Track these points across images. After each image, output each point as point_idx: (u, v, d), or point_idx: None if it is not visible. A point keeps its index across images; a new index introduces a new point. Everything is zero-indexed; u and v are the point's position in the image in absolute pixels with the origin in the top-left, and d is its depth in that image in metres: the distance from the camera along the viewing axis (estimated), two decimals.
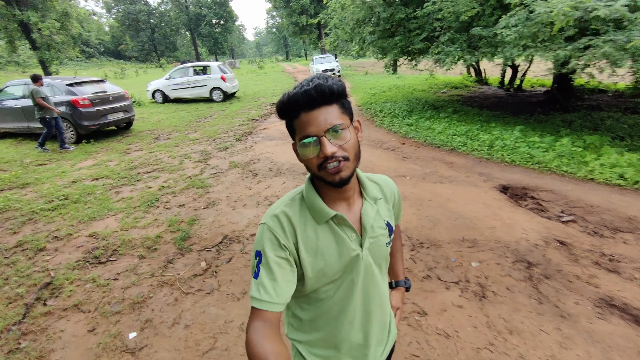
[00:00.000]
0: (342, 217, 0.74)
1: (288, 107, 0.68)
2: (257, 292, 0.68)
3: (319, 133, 0.66)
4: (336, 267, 0.75)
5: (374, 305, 0.83)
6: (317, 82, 0.66)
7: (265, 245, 0.71)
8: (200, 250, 2.98)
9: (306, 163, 0.70)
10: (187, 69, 12.25)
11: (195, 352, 1.94)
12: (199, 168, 5.17)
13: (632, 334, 1.90)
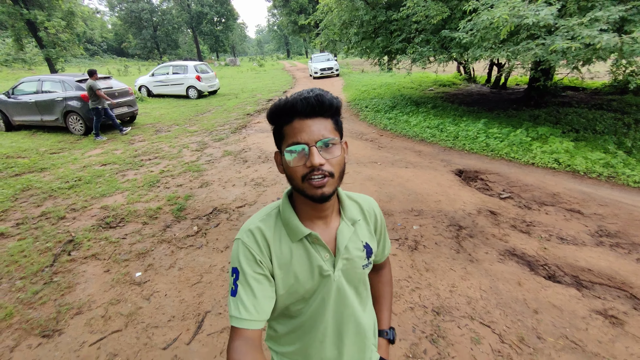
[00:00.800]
0: (316, 236, 0.73)
1: (283, 110, 0.67)
2: (237, 310, 0.67)
3: (309, 142, 0.65)
4: (307, 286, 0.74)
5: (346, 327, 0.81)
6: (318, 92, 0.66)
7: (241, 261, 0.70)
8: (194, 219, 3.58)
9: (290, 172, 0.68)
10: (168, 67, 13.10)
11: (186, 284, 2.55)
12: (196, 156, 5.77)
13: (519, 272, 2.49)
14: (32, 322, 2.21)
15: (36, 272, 2.73)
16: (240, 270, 0.69)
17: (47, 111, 7.50)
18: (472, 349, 1.87)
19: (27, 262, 2.86)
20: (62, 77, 7.49)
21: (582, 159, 4.10)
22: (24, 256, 2.95)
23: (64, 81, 7.38)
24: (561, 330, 1.96)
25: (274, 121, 0.71)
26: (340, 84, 15.09)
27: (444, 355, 1.84)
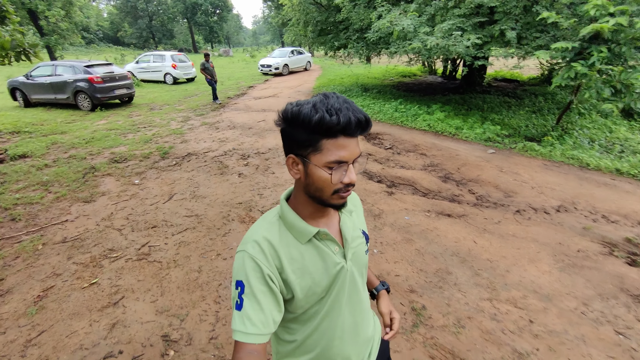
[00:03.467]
0: (325, 232, 0.75)
1: (334, 127, 0.63)
2: (243, 325, 0.66)
3: (350, 159, 0.66)
4: (324, 283, 0.75)
5: (358, 314, 0.84)
6: (365, 114, 0.66)
7: (248, 274, 0.68)
8: (174, 158, 5.33)
9: (322, 186, 0.68)
10: (149, 56, 15.03)
11: (165, 185, 4.31)
12: (180, 125, 7.48)
13: (364, 179, 4.28)
14: (77, 198, 3.98)
15: (74, 180, 4.48)
16: (246, 284, 0.68)
17: (60, 91, 9.13)
18: None
19: (67, 176, 4.61)
20: (72, 63, 9.12)
21: (444, 124, 5.90)
22: (64, 173, 4.69)
23: (74, 66, 9.01)
24: (368, 198, 3.77)
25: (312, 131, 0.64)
26: (317, 74, 16.76)
27: None
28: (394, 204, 3.62)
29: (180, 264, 2.75)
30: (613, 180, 4.02)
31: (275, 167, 4.79)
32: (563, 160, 4.54)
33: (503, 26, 4.92)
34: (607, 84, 3.88)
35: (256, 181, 4.32)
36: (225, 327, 2.12)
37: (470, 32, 5.15)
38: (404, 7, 5.81)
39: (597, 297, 2.30)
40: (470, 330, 2.04)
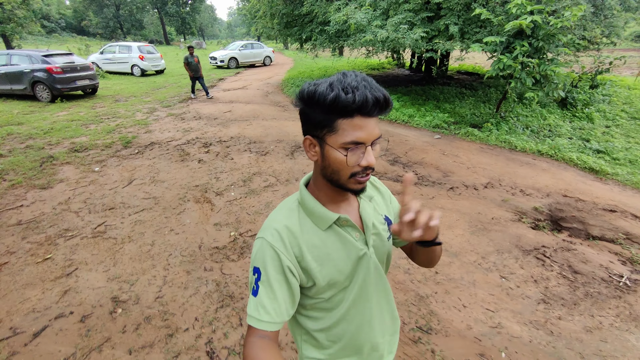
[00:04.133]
0: (346, 218, 0.73)
1: (350, 106, 0.60)
2: (257, 311, 0.67)
3: (367, 141, 0.64)
4: (347, 270, 0.74)
5: (383, 300, 0.83)
6: (384, 91, 0.62)
7: (266, 262, 0.68)
8: (137, 147, 5.41)
9: (338, 168, 0.66)
10: (115, 47, 14.63)
11: (126, 171, 4.42)
12: (145, 116, 7.48)
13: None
14: (34, 185, 4.04)
15: (30, 168, 4.50)
16: (263, 271, 0.68)
17: (17, 81, 8.81)
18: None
19: (23, 165, 4.61)
20: (29, 52, 8.81)
21: (398, 113, 6.30)
22: (20, 162, 4.69)
23: (31, 55, 8.72)
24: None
25: (327, 111, 0.62)
26: (289, 66, 16.88)
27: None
28: None
29: (134, 239, 2.95)
30: (534, 160, 4.55)
31: (235, 153, 5.00)
32: (497, 144, 5.04)
33: (447, 21, 5.33)
34: (529, 75, 4.36)
35: (215, 166, 4.53)
36: (171, 288, 2.37)
37: (419, 26, 5.53)
38: (360, 2, 6.12)
39: (494, 252, 2.72)
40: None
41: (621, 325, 2.06)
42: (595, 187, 3.95)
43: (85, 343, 1.95)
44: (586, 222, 3.29)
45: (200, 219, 3.27)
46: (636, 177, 4.15)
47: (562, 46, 4.33)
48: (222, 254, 2.74)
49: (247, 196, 3.69)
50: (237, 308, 2.19)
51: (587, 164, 4.34)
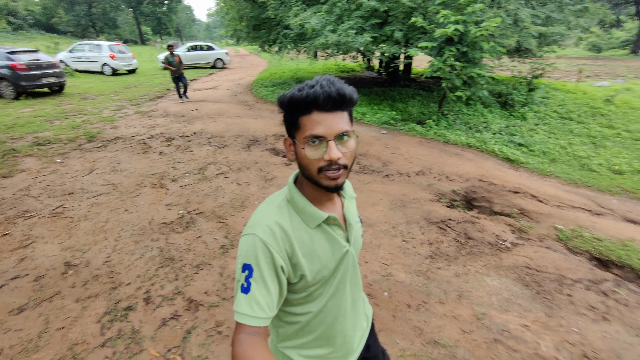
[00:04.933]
0: (334, 217, 0.77)
1: (302, 103, 0.66)
2: (250, 308, 0.66)
3: (328, 136, 0.66)
4: (331, 266, 0.78)
5: (356, 292, 0.89)
6: (339, 86, 0.66)
7: (259, 258, 0.69)
8: (101, 141, 5.64)
9: (305, 164, 0.70)
10: (84, 45, 14.65)
11: (87, 162, 4.68)
12: (113, 113, 7.65)
13: (268, 156, 5.00)
14: None
15: None
16: (255, 268, 0.68)
17: None
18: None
19: None
20: None
21: (356, 112, 6.83)
22: None
23: None
24: (267, 168, 4.48)
25: (289, 110, 0.70)
26: (263, 68, 17.25)
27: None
28: (288, 171, 4.39)
29: (90, 218, 3.26)
30: (462, 152, 5.16)
31: (195, 147, 5.34)
32: (434, 138, 5.64)
33: (393, 27, 5.90)
34: (457, 77, 4.97)
35: (174, 157, 4.86)
36: (119, 255, 2.72)
37: (369, 31, 6.08)
38: (317, 8, 6.61)
39: (404, 223, 3.24)
40: None
41: (484, 272, 2.60)
42: (508, 173, 4.58)
43: (38, 296, 2.27)
44: (492, 201, 3.88)
45: (154, 200, 3.61)
46: (543, 165, 4.83)
47: (485, 52, 4.97)
48: (169, 228, 3.10)
49: (199, 182, 4.05)
50: (175, 267, 2.57)
51: (506, 154, 4.99)
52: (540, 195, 4.05)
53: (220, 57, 17.73)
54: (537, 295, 2.42)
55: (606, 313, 2.28)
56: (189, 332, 2.01)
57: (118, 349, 1.89)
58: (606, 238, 3.13)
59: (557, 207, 3.81)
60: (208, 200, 3.62)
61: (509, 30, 4.97)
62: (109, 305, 2.20)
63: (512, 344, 1.98)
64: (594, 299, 2.43)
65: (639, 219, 3.64)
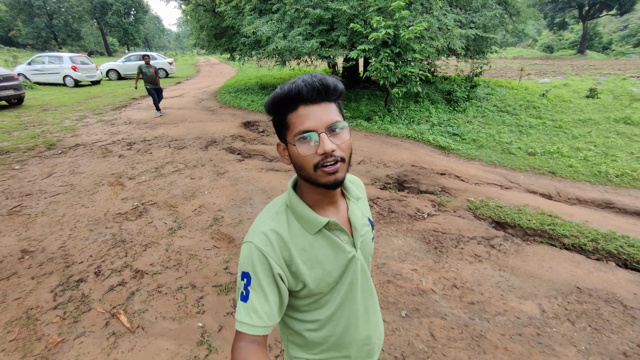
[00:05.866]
0: (335, 222, 0.74)
1: (287, 98, 0.64)
2: (249, 317, 0.66)
3: (318, 129, 0.64)
4: (335, 273, 0.75)
5: (369, 299, 0.85)
6: (321, 77, 0.65)
7: (256, 266, 0.68)
8: (61, 148, 5.80)
9: (300, 162, 0.67)
10: (44, 57, 14.40)
11: (46, 167, 4.86)
12: (74, 123, 7.76)
13: (222, 154, 5.36)
14: None
15: None
16: (253, 276, 0.68)
17: None
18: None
19: None
20: None
21: None
22: None
23: None
24: (221, 164, 4.85)
25: (276, 111, 0.68)
26: (230, 76, 17.56)
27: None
28: (239, 166, 4.78)
29: (47, 214, 3.51)
30: (401, 142, 5.75)
31: (155, 149, 5.63)
32: (377, 131, 6.21)
33: (338, 33, 6.46)
34: (393, 75, 5.56)
35: (133, 159, 5.13)
36: (74, 241, 3.01)
37: (318, 37, 6.60)
38: (270, 16, 7.09)
39: None
40: (246, 225, 3.25)
41: (393, 234, 3.10)
42: (438, 159, 5.18)
43: None
44: (420, 182, 4.44)
45: (110, 196, 3.90)
46: (471, 150, 5.48)
47: (417, 52, 5.59)
48: (123, 217, 3.41)
49: (155, 178, 4.37)
50: (125, 247, 2.90)
51: (439, 143, 5.61)
52: (462, 175, 4.65)
53: (162, 67, 17.64)
54: (434, 249, 2.94)
55: (484, 258, 2.82)
56: (132, 293, 2.36)
57: (68, 310, 2.22)
58: (506, 205, 3.73)
59: (475, 185, 4.42)
60: (162, 193, 3.95)
61: (439, 34, 5.62)
62: (62, 279, 2.51)
63: (401, 283, 2.46)
64: (481, 249, 2.98)
65: (538, 190, 4.30)
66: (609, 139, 6.26)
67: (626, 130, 6.83)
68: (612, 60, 29.79)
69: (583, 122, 7.51)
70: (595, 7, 32.49)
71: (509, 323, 2.12)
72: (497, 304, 2.28)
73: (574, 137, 6.40)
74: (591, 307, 2.29)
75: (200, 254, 2.79)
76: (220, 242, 2.98)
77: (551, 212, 3.60)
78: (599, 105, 9.16)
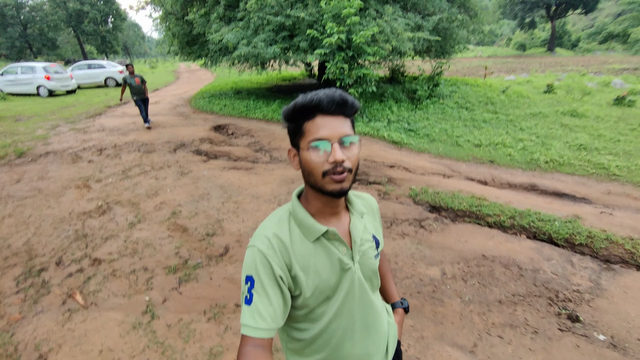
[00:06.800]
0: (334, 232, 0.76)
1: (308, 107, 0.69)
2: (253, 319, 0.68)
3: (332, 138, 0.68)
4: (331, 283, 0.76)
5: (370, 316, 0.85)
6: (342, 92, 0.70)
7: (258, 269, 0.70)
8: (31, 156, 5.97)
9: (310, 168, 0.70)
10: (17, 68, 14.37)
11: (15, 174, 5.05)
12: (46, 132, 7.88)
13: (188, 155, 5.66)
14: None
15: None
16: (256, 279, 0.70)
17: None
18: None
19: None
20: None
21: (275, 114, 7.69)
22: None
23: None
24: (187, 165, 5.14)
25: (294, 118, 0.72)
26: (209, 81, 17.77)
27: None
28: (203, 166, 5.09)
29: (14, 215, 3.74)
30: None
31: (124, 154, 5.87)
32: None
33: (299, 39, 6.85)
34: (349, 77, 5.98)
35: (102, 164, 5.36)
36: (38, 237, 3.26)
37: (281, 42, 6.98)
38: (236, 24, 7.42)
39: (285, 194, 4.06)
40: (201, 217, 3.56)
41: None
42: (390, 153, 5.61)
43: None
44: (369, 174, 4.83)
45: (76, 197, 4.14)
46: (423, 144, 5.93)
47: (370, 55, 6.02)
48: (87, 215, 3.68)
49: (121, 180, 4.63)
50: (86, 241, 3.18)
51: (393, 138, 6.04)
52: (410, 167, 5.08)
53: (110, 76, 17.41)
54: None
55: (409, 236, 3.22)
56: (89, 277, 2.65)
57: (29, 293, 2.49)
58: (443, 191, 4.15)
59: (420, 175, 4.84)
60: (126, 192, 4.22)
61: (391, 37, 6.06)
62: (24, 269, 2.77)
63: None
64: (410, 229, 3.38)
65: (476, 177, 4.75)
66: (551, 130, 6.83)
67: (569, 122, 7.45)
68: (579, 57, 31.32)
69: (533, 115, 8.11)
70: (561, 6, 34.08)
71: (412, 284, 2.51)
72: (407, 270, 2.67)
73: (520, 130, 6.94)
74: (487, 269, 2.71)
75: (156, 243, 3.10)
76: (175, 232, 3.29)
77: (482, 195, 4.04)
78: (552, 100, 9.84)
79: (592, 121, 7.53)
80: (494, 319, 2.20)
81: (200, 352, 1.96)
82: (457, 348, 1.99)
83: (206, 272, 2.68)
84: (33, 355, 1.98)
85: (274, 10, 6.78)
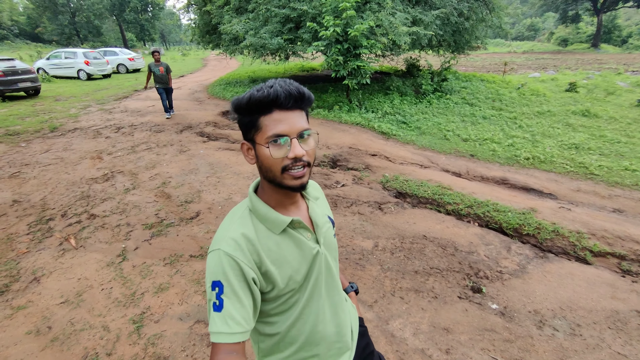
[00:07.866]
0: (299, 220, 0.76)
1: (264, 102, 0.67)
2: (226, 325, 0.66)
3: (291, 134, 0.67)
4: (303, 270, 0.78)
5: (335, 295, 0.87)
6: (297, 85, 0.68)
7: (227, 273, 0.68)
8: (61, 131, 6.82)
9: (269, 164, 0.70)
10: (61, 53, 15.77)
11: (46, 145, 5.87)
12: (79, 111, 8.84)
13: (192, 136, 6.23)
14: None
15: None
16: (225, 283, 0.67)
17: None
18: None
19: None
20: None
21: None
22: None
23: None
24: (188, 145, 5.72)
25: (247, 112, 0.70)
26: (232, 69, 18.51)
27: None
28: (201, 145, 5.63)
29: (38, 177, 4.46)
30: (350, 128, 6.44)
31: (138, 132, 6.55)
32: (333, 119, 6.92)
33: (303, 31, 7.17)
34: (344, 69, 6.25)
35: (117, 140, 6.07)
36: (53, 195, 3.93)
37: (287, 34, 7.34)
38: (247, 15, 7.87)
39: None
40: (185, 187, 4.08)
41: None
42: (377, 142, 5.86)
43: None
44: (350, 161, 5.15)
45: (89, 166, 4.83)
46: (410, 136, 6.12)
47: (366, 48, 6.23)
48: (94, 181, 4.33)
49: (128, 154, 5.28)
50: (88, 200, 3.80)
51: (382, 129, 6.27)
52: (392, 156, 5.33)
53: (121, 63, 18.25)
54: None
55: (361, 215, 3.54)
56: (84, 227, 3.25)
57: (36, 235, 3.12)
58: (412, 180, 4.41)
59: (399, 164, 5.09)
60: (129, 164, 4.85)
61: (389, 30, 6.23)
62: (37, 218, 3.43)
63: None
64: (366, 209, 3.70)
65: (451, 169, 4.93)
66: (551, 128, 6.73)
67: (575, 121, 7.26)
68: (625, 54, 28.92)
69: (540, 113, 7.94)
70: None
71: (344, 252, 2.86)
72: (344, 241, 3.02)
73: (519, 127, 6.89)
74: (419, 246, 3.00)
75: (142, 205, 3.66)
76: (160, 198, 3.84)
77: (448, 185, 4.25)
78: (570, 99, 9.49)
79: (602, 121, 7.29)
80: (403, 284, 2.52)
81: (152, 286, 2.46)
82: (359, 303, 2.34)
83: (175, 230, 3.18)
84: (30, 277, 2.57)
85: (280, 2, 7.14)
